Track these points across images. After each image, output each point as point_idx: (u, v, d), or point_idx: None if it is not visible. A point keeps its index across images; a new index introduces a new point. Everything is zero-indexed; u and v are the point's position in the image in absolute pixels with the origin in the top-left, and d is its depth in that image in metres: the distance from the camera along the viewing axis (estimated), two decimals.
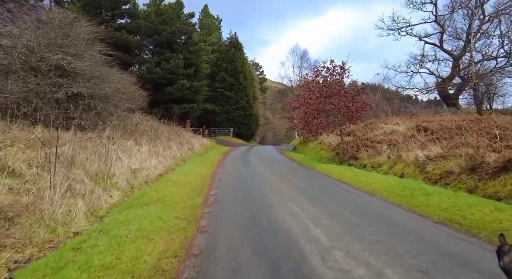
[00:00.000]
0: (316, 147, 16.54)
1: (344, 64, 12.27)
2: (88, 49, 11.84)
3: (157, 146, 11.26)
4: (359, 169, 10.39)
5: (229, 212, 4.65)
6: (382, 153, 10.17)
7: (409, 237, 3.49)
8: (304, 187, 7.04)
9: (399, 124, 11.95)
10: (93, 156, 6.95)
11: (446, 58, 21.80)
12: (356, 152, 11.44)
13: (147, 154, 9.80)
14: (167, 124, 20.23)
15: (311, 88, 12.11)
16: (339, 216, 4.48)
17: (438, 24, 21.03)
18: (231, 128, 37.89)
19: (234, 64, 38.70)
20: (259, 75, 62.78)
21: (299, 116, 16.74)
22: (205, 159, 13.00)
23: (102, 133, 9.29)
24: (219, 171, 9.71)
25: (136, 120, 14.09)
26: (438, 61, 21.82)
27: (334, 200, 5.60)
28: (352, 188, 6.90)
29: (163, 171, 9.36)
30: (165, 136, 13.26)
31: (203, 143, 21.29)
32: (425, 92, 22.25)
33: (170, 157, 11.56)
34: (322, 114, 12.51)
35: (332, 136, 15.18)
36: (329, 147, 14.61)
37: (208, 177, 8.22)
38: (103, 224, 3.70)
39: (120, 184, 6.48)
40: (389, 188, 6.29)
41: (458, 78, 22.77)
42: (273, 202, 5.34)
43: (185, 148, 14.92)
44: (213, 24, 42.99)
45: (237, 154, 17.52)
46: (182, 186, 6.20)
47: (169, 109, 27.25)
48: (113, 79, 13.21)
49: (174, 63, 25.65)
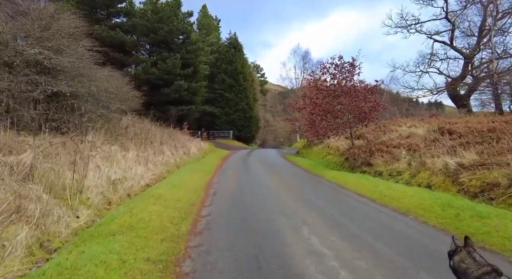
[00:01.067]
0: (322, 151, 15.35)
1: (354, 61, 11.13)
2: (71, 44, 10.68)
3: (147, 151, 10.06)
4: (374, 177, 9.20)
5: (225, 246, 3.45)
6: (401, 159, 8.97)
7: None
8: (317, 203, 5.84)
9: (416, 126, 10.76)
10: (64, 165, 5.76)
11: (456, 57, 20.69)
12: (370, 157, 10.25)
13: (133, 160, 8.61)
14: (164, 127, 19.09)
15: (319, 87, 10.95)
16: (378, 253, 3.28)
17: (449, 21, 19.94)
18: (231, 131, 36.69)
19: (233, 65, 37.61)
20: (260, 78, 61.74)
21: (305, 118, 15.57)
22: (201, 165, 11.80)
23: (81, 137, 8.10)
24: (216, 181, 8.50)
25: (127, 123, 12.91)
26: (448, 60, 20.70)
27: (362, 224, 4.39)
28: (376, 204, 5.70)
29: (152, 181, 8.16)
30: (157, 140, 12.07)
31: (201, 146, 20.10)
32: (436, 93, 21.08)
33: (161, 163, 10.36)
34: (330, 115, 11.34)
35: (340, 139, 13.99)
36: (337, 151, 13.42)
37: (202, 190, 7.00)
38: (38, 272, 2.51)
39: (93, 200, 5.28)
40: (424, 205, 5.09)
41: (469, 78, 21.67)
42: (283, 229, 4.13)
43: (180, 153, 13.73)
44: (212, 24, 42.01)
45: (237, 159, 16.33)
46: (167, 203, 4.99)
47: (166, 112, 26.11)
48: (100, 78, 12.06)
49: (171, 63, 24.53)
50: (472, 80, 21.24)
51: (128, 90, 18.01)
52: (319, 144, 16.43)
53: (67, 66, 10.28)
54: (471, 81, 21.01)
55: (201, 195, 6.35)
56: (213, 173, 10.17)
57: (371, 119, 10.61)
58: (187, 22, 28.86)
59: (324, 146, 15.36)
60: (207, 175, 9.46)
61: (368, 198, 6.29)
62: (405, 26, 20.25)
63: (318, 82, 11.16)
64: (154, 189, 6.39)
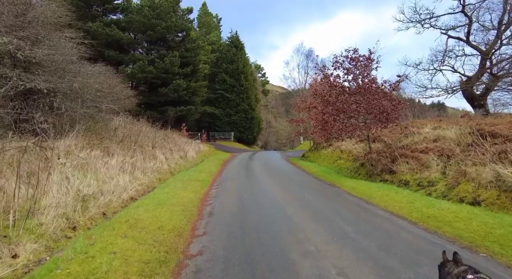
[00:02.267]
0: (332, 154, 13.99)
1: (372, 54, 9.80)
2: (51, 35, 9.39)
3: (135, 156, 8.76)
4: (398, 187, 7.86)
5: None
6: (432, 167, 7.62)
7: None
8: (344, 229, 4.49)
9: (443, 128, 9.41)
10: (17, 178, 4.45)
11: (473, 54, 19.31)
12: (392, 163, 8.91)
13: (117, 168, 7.30)
14: (160, 129, 17.81)
15: (332, 83, 9.60)
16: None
17: (466, 15, 18.59)
18: (232, 132, 35.37)
19: (235, 65, 36.36)
20: (261, 78, 60.47)
21: (314, 118, 14.22)
22: (198, 171, 10.46)
23: (53, 141, 6.81)
24: (213, 194, 7.12)
25: (118, 124, 11.61)
26: (464, 57, 19.32)
27: (416, 267, 3.05)
28: (420, 230, 4.35)
29: (137, 193, 6.85)
30: (149, 143, 10.76)
31: (200, 149, 18.79)
32: (451, 92, 19.69)
33: (152, 170, 9.05)
34: (344, 115, 9.98)
35: (352, 142, 12.64)
36: (350, 156, 12.07)
37: (195, 207, 5.63)
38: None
39: (48, 226, 3.96)
40: (496, 236, 3.74)
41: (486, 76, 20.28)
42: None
43: (176, 157, 12.42)
44: (213, 23, 40.80)
45: (238, 163, 15.00)
46: (144, 234, 3.65)
47: (164, 112, 24.86)
48: (87, 74, 10.77)
49: (169, 61, 23.28)
50: (489, 78, 19.86)
51: (122, 89, 16.80)
52: (328, 147, 15.08)
53: (46, 60, 9.03)
54: (489, 80, 19.63)
55: (193, 216, 4.97)
56: (211, 182, 8.83)
57: (392, 120, 9.26)
58: (186, 19, 27.66)
59: (334, 149, 14.00)
60: (203, 185, 8.11)
61: (405, 219, 4.95)
62: (418, 20, 18.91)
63: (330, 78, 9.82)
64: (133, 208, 5.05)
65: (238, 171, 11.65)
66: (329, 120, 9.91)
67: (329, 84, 9.65)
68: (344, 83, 10.13)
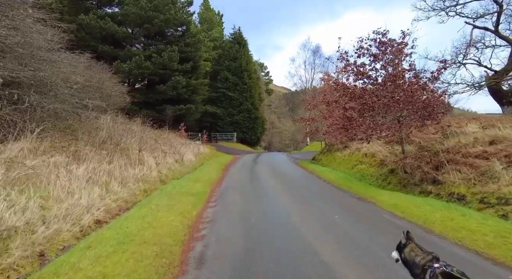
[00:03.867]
0: (349, 158, 12.14)
1: (406, 35, 7.95)
2: (6, 11, 7.66)
3: (113, 162, 7.01)
4: (448, 202, 6.04)
5: None
6: (500, 178, 5.77)
7: None
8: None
9: (499, 128, 7.52)
10: None
11: (503, 45, 17.36)
12: (435, 171, 7.06)
13: (84, 179, 5.54)
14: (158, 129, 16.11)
15: (359, 71, 7.76)
16: None
17: (495, 2, 16.66)
18: (235, 133, 33.59)
19: (238, 62, 34.60)
20: (264, 77, 58.72)
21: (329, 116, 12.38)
22: (194, 180, 8.67)
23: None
24: (209, 218, 5.07)
25: (102, 123, 9.87)
26: (492, 48, 17.37)
27: None
28: None
29: (109, 213, 5.09)
30: (135, 145, 9.02)
31: (199, 151, 17.05)
32: (477, 88, 17.73)
33: (137, 179, 7.29)
34: (373, 111, 8.12)
35: (377, 144, 10.81)
36: (374, 160, 10.22)
37: (177, 247, 3.59)
38: None
39: None
40: None
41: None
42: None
43: (170, 161, 10.66)
44: (215, 19, 39.10)
45: (242, 167, 13.20)
46: None
47: (163, 111, 23.18)
48: (60, 63, 9.07)
49: (167, 55, 21.59)
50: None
51: (113, 85, 15.12)
52: (343, 149, 13.22)
53: (7, 43, 7.32)
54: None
55: (171, 267, 3.02)
56: (208, 196, 7.00)
57: (435, 117, 7.41)
58: (186, 11, 25.97)
59: (352, 152, 12.15)
60: (197, 201, 6.24)
61: (508, 268, 3.11)
62: (442, 7, 17.01)
63: (355, 66, 7.99)
64: (79, 250, 3.26)
65: (242, 179, 9.84)
66: (355, 117, 8.08)
67: (355, 73, 7.82)
68: (369, 73, 8.30)
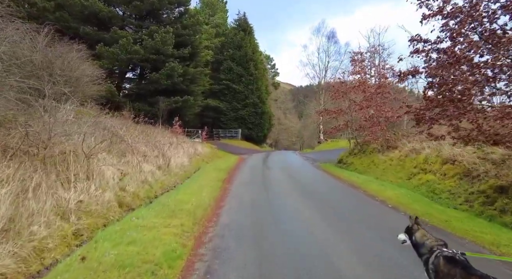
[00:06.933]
0: (401, 163, 8.69)
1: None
2: None
3: (28, 179, 3.73)
4: None
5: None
6: None
7: None
8: None
9: None
10: None
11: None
12: None
13: None
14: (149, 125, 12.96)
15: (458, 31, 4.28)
16: None
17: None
18: (239, 129, 30.24)
19: (243, 51, 31.15)
20: (270, 69, 55.07)
21: (376, 104, 8.95)
22: (178, 203, 5.35)
23: None
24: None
25: (63, 116, 6.59)
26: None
27: None
28: None
29: None
30: (86, 146, 5.72)
31: (196, 151, 13.77)
32: None
33: (56, 213, 4.01)
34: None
35: (443, 143, 7.40)
36: (448, 168, 6.79)
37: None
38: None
39: None
40: None
41: None
42: None
43: (148, 169, 7.38)
44: (218, 4, 35.62)
45: (250, 175, 9.91)
46: None
47: (156, 104, 19.99)
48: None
49: (160, 38, 18.27)
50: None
51: (83, 69, 11.94)
52: (388, 150, 9.80)
53: None
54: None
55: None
56: (190, 251, 3.70)
57: None
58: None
59: (405, 154, 8.71)
60: (170, 266, 2.94)
61: None
62: None
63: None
64: None
65: (253, 199, 6.47)
66: (439, 101, 4.68)
67: (458, 33, 4.35)
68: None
